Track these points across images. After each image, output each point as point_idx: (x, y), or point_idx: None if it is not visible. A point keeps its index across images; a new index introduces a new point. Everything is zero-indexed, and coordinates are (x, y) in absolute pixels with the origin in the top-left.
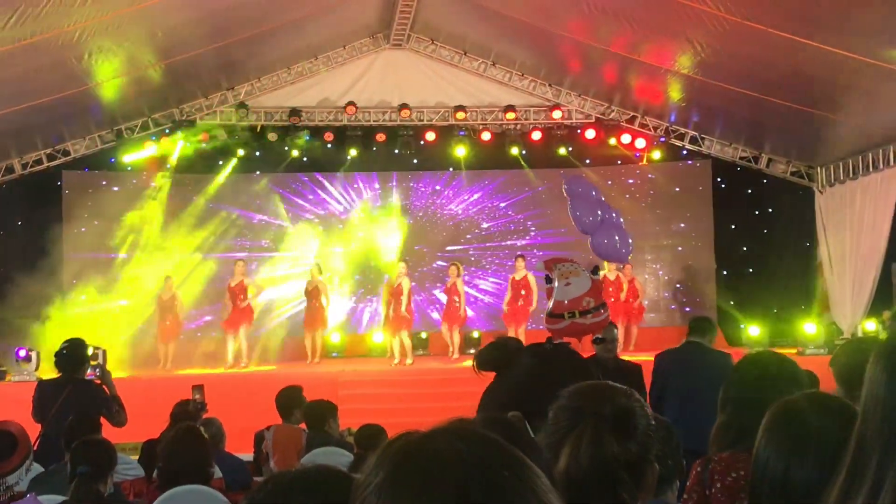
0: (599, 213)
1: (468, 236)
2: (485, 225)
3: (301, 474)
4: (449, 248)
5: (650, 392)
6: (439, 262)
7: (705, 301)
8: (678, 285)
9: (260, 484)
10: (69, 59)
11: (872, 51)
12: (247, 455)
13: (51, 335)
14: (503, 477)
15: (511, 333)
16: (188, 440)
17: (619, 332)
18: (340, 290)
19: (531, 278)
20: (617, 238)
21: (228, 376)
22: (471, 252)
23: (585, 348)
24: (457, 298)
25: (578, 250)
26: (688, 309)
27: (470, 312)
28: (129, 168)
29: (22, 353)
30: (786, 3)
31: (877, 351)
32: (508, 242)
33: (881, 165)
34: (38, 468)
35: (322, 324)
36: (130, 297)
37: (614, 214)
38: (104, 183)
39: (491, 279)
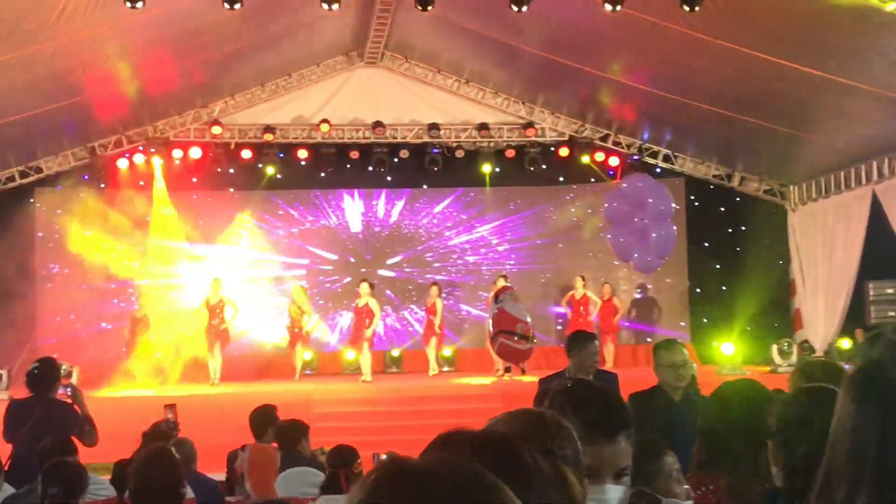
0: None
1: (443, 253)
2: (458, 241)
3: None
4: (422, 264)
5: None
6: (412, 279)
7: (678, 319)
8: (652, 302)
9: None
10: (43, 77)
11: (843, 69)
12: (219, 475)
13: (22, 354)
14: (478, 500)
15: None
16: (159, 461)
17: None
18: (315, 308)
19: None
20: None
21: (201, 396)
22: (447, 269)
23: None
24: (434, 317)
25: (551, 267)
26: (659, 328)
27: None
28: (102, 185)
29: None
30: (757, 23)
31: (847, 379)
32: (484, 259)
33: (853, 184)
34: (8, 489)
35: (305, 342)
36: (104, 314)
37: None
38: (77, 200)
39: (460, 294)
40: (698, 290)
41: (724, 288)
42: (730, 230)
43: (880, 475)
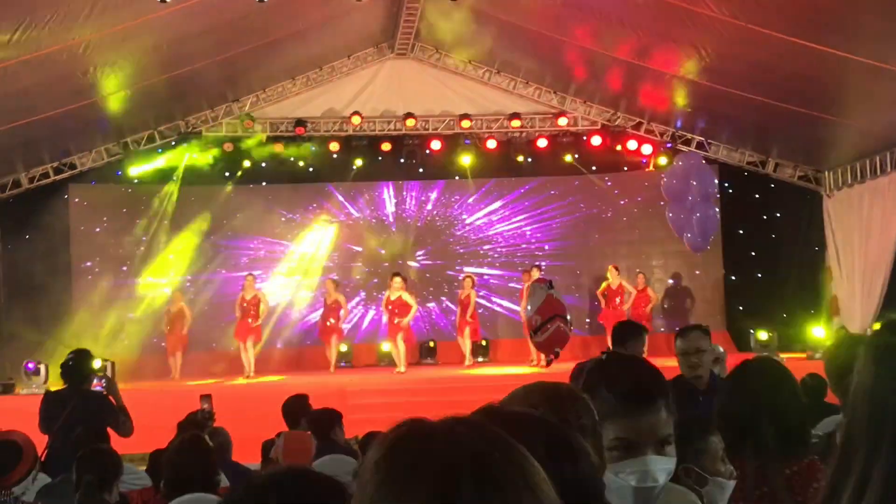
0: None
1: (475, 245)
2: (491, 233)
3: (273, 476)
4: (456, 256)
5: None
6: (447, 270)
7: (714, 307)
8: (686, 291)
9: (233, 486)
10: (74, 73)
11: (878, 53)
12: (255, 464)
13: (59, 348)
14: (493, 459)
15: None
16: (192, 449)
17: None
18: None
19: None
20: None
21: (236, 387)
22: (480, 260)
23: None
24: (468, 309)
25: (584, 257)
26: (694, 316)
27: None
28: (135, 181)
29: (30, 365)
30: (790, 7)
31: (866, 342)
32: (517, 250)
33: (889, 168)
34: (44, 479)
35: (339, 335)
36: (138, 309)
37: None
38: (111, 196)
39: (494, 284)
40: (733, 278)
41: (759, 275)
42: (765, 217)
43: None
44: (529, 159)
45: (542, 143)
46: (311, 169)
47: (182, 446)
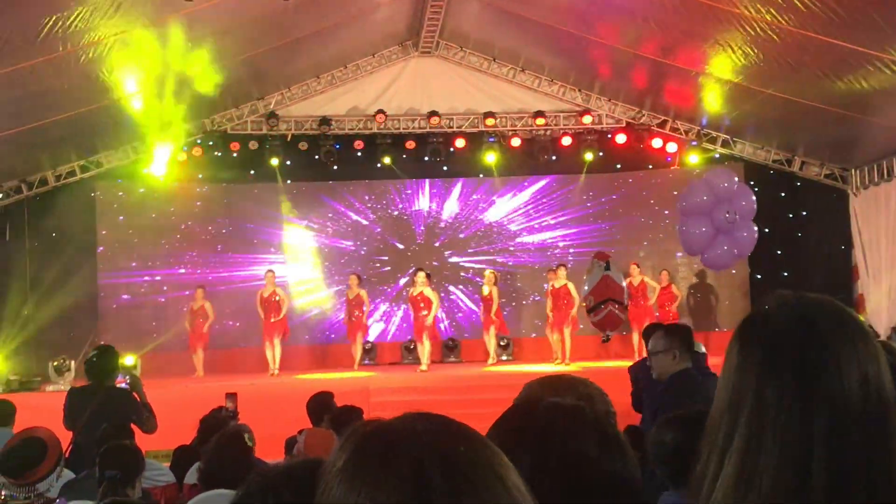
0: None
1: (499, 242)
2: (515, 230)
3: (286, 468)
4: (480, 254)
5: (632, 403)
6: (471, 269)
7: (738, 306)
8: (711, 289)
9: (247, 478)
10: (99, 71)
11: None
12: (278, 461)
13: (86, 346)
14: (458, 452)
15: (556, 339)
16: (233, 445)
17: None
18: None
19: (571, 287)
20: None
21: (260, 385)
22: (503, 257)
23: None
24: (491, 306)
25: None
26: (718, 314)
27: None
28: (161, 179)
29: (56, 363)
30: (818, 4)
31: (734, 332)
32: (541, 248)
33: None
34: (69, 475)
35: (364, 331)
36: (165, 306)
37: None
38: (137, 193)
39: (518, 281)
40: (759, 277)
41: (785, 274)
42: (790, 215)
43: (755, 420)
44: (553, 157)
45: (566, 141)
46: (335, 167)
47: (221, 441)
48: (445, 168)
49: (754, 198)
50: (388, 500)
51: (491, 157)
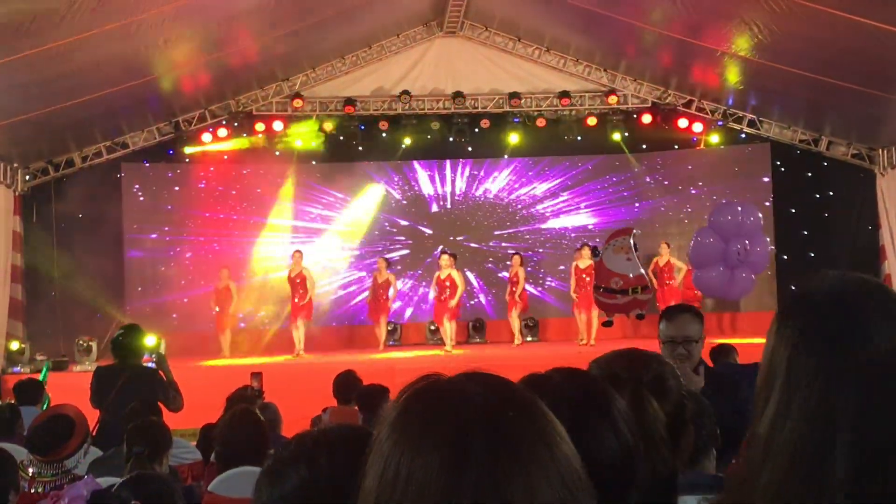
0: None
1: (524, 223)
2: (540, 210)
3: (319, 434)
4: (505, 235)
5: None
6: (495, 249)
7: (765, 286)
8: None
9: (285, 442)
10: (126, 52)
11: None
12: None
13: (111, 326)
14: (507, 417)
15: (582, 319)
16: (244, 421)
17: None
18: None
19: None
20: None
21: (286, 365)
22: (529, 238)
23: None
24: (517, 287)
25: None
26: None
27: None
28: (187, 160)
29: (82, 342)
30: None
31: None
32: (566, 228)
33: None
34: (96, 452)
35: (388, 314)
36: (191, 286)
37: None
38: (163, 175)
39: (544, 262)
40: (785, 258)
41: (811, 255)
42: (817, 196)
43: (784, 392)
44: (579, 137)
45: (591, 121)
46: (360, 148)
47: (233, 419)
48: (470, 149)
49: (760, 213)
50: (425, 463)
51: (515, 138)
